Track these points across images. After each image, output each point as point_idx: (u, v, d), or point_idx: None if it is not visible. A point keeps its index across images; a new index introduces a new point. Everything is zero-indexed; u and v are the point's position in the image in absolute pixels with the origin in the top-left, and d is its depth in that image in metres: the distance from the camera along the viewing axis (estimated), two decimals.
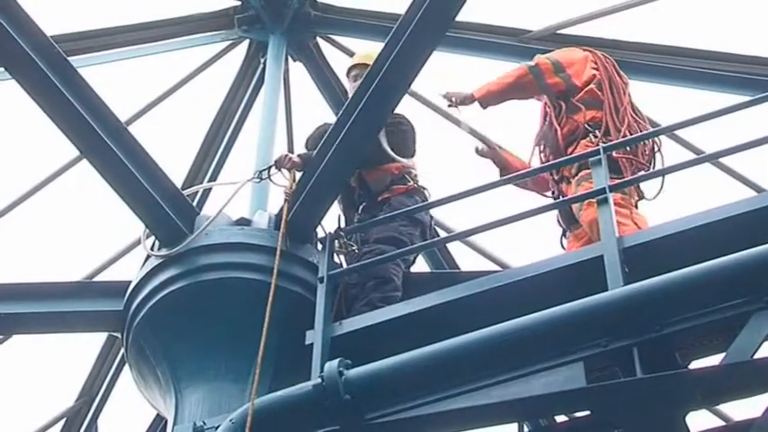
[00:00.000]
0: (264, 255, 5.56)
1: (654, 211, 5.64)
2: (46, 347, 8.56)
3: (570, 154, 5.71)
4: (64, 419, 8.01)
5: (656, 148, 5.72)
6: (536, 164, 6.02)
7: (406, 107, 6.83)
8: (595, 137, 5.67)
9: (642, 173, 5.52)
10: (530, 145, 6.14)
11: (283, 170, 5.94)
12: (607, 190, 4.95)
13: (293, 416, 4.54)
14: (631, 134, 5.65)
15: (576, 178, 5.56)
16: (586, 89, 5.89)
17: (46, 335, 6.71)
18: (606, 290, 4.37)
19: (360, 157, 5.87)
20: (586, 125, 5.77)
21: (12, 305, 5.98)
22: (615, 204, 5.05)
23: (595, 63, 6.04)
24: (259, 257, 5.57)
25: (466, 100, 5.95)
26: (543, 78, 5.97)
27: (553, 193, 5.94)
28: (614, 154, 5.46)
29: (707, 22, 8.85)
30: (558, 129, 5.87)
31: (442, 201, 5.68)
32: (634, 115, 5.85)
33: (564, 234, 5.81)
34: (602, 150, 5.19)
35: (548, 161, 5.91)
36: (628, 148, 5.59)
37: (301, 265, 5.60)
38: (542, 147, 6.02)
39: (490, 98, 6.00)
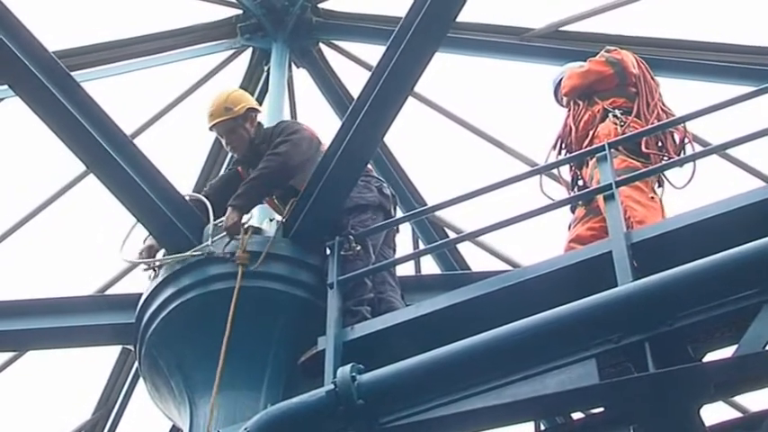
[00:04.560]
0: (274, 263, 5.57)
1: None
2: (62, 362, 8.59)
3: (589, 138, 5.89)
4: None
5: (686, 140, 5.83)
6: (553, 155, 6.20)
7: (410, 109, 6.84)
8: (615, 117, 5.88)
9: (647, 168, 5.51)
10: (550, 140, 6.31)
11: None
12: (614, 186, 4.95)
13: (307, 423, 4.53)
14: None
15: (593, 161, 5.61)
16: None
17: (61, 349, 6.73)
18: (616, 286, 4.35)
19: (366, 161, 5.87)
20: (605, 107, 5.97)
21: (25, 321, 6.01)
22: (634, 189, 5.28)
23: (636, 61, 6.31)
24: (268, 266, 5.56)
25: None
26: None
27: (572, 177, 6.07)
28: (643, 147, 5.61)
29: (708, 15, 8.85)
30: (577, 124, 6.08)
31: (452, 201, 5.66)
32: (664, 108, 6.05)
33: (573, 210, 5.85)
34: (607, 147, 5.19)
35: (567, 150, 6.11)
36: (659, 143, 5.73)
37: (310, 271, 5.60)
38: (563, 138, 6.20)
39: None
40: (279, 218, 5.96)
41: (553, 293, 4.49)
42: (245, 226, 5.66)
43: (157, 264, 5.73)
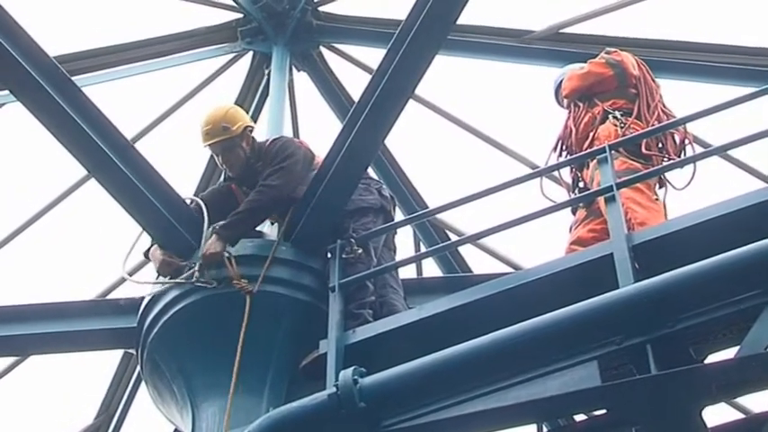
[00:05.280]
0: (276, 267, 5.57)
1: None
2: (64, 366, 8.60)
3: (589, 139, 5.90)
4: None
5: (686, 141, 5.85)
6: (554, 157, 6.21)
7: (411, 111, 6.84)
8: (615, 118, 5.89)
9: (647, 169, 5.51)
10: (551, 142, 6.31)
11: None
12: (614, 188, 4.95)
13: (309, 426, 4.53)
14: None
15: (594, 163, 5.61)
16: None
17: (63, 354, 6.73)
18: (617, 288, 4.35)
19: (367, 164, 5.87)
20: (605, 109, 5.99)
21: (27, 326, 6.01)
22: (635, 190, 5.27)
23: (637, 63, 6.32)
24: (270, 269, 5.55)
25: None
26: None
27: (573, 179, 6.07)
28: (643, 148, 5.61)
29: (709, 16, 8.85)
30: (577, 126, 6.09)
31: (453, 204, 5.65)
32: (664, 109, 6.06)
33: (574, 212, 5.86)
34: (608, 149, 5.20)
35: (567, 151, 6.12)
36: (660, 144, 5.74)
37: (312, 274, 5.61)
38: (563, 140, 6.21)
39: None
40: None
41: (555, 296, 4.49)
42: (228, 255, 5.54)
43: (151, 283, 5.72)
